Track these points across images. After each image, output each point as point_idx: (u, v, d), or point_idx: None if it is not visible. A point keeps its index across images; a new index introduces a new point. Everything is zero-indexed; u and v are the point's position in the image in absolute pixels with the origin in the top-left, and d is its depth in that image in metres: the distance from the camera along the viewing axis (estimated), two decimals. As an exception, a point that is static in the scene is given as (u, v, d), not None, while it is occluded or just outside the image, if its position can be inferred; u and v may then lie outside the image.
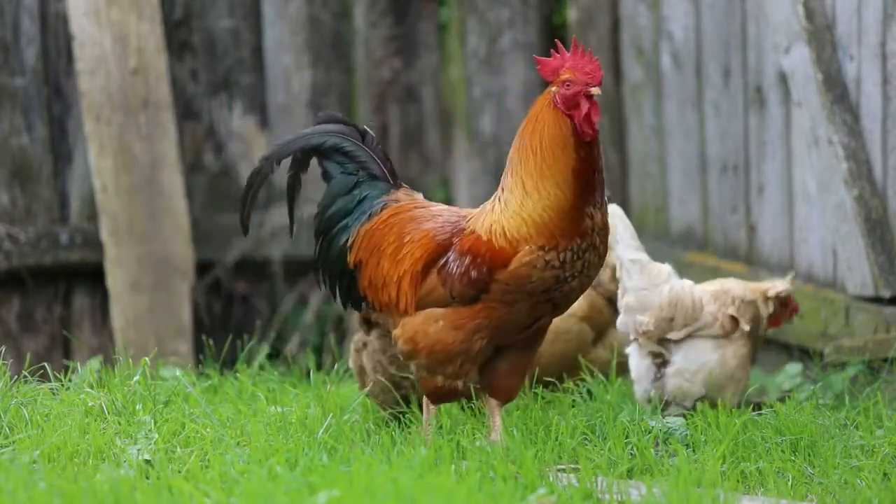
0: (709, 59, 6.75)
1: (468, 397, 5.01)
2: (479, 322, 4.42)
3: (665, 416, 4.94)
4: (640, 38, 7.12)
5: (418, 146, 7.61)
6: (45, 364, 5.32)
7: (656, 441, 4.64)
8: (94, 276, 7.00)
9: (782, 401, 5.29)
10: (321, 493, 3.81)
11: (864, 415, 4.98)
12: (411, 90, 7.61)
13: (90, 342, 7.04)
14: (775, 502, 4.12)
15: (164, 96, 7.02)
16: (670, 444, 4.63)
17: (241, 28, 7.34)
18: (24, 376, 5.06)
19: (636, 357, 5.20)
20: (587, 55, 4.37)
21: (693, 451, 4.55)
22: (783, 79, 6.24)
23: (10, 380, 4.98)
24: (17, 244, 6.86)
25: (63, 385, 5.06)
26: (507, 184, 4.42)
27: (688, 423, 4.76)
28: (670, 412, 5.09)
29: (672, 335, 5.14)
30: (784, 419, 4.72)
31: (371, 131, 4.70)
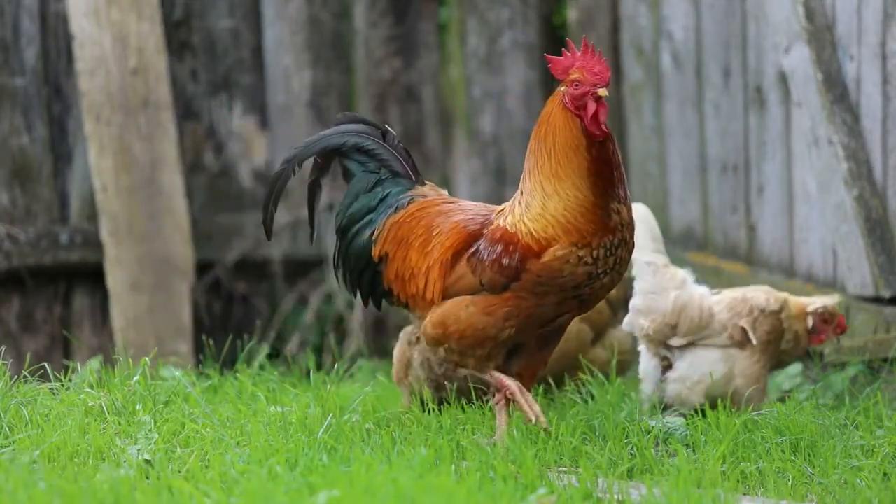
0: (709, 59, 6.75)
1: (468, 398, 5.01)
2: (508, 310, 4.40)
3: (665, 416, 4.93)
4: (640, 37, 7.12)
5: (418, 146, 7.60)
6: (45, 364, 5.31)
7: (656, 441, 4.64)
8: (94, 276, 6.99)
9: (782, 401, 5.29)
10: (321, 493, 3.80)
11: (864, 415, 4.97)
12: (411, 90, 7.60)
13: (90, 342, 7.04)
14: (775, 502, 4.12)
15: (164, 96, 7.02)
16: (670, 444, 4.62)
17: (241, 28, 7.34)
18: (24, 376, 5.06)
19: (645, 356, 5.19)
20: (597, 55, 4.36)
21: (693, 451, 4.54)
22: (783, 79, 6.24)
23: (10, 380, 4.97)
24: (17, 244, 6.85)
25: (63, 385, 5.05)
26: (527, 187, 4.41)
27: (688, 423, 4.76)
28: (669, 414, 5.08)
29: (673, 341, 5.12)
30: (784, 419, 4.72)
31: (392, 130, 4.68)
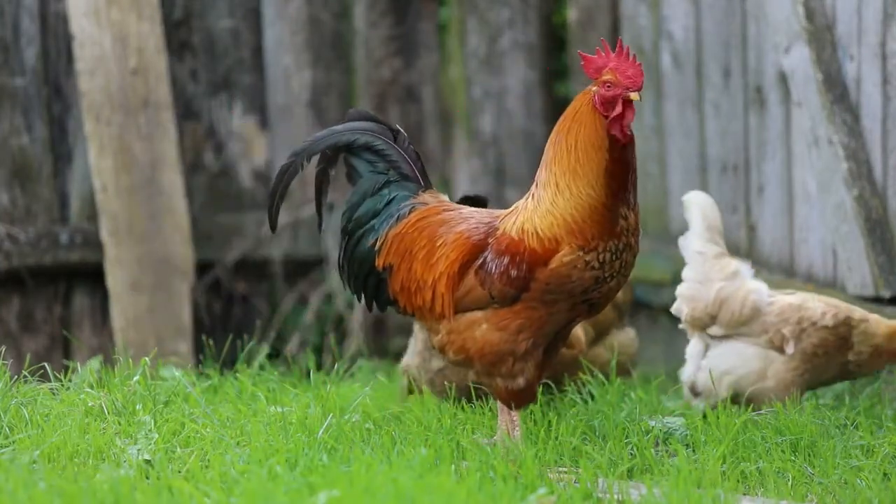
0: (709, 59, 6.75)
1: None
2: (520, 322, 4.37)
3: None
4: (641, 37, 7.12)
5: (418, 146, 7.55)
6: (45, 364, 5.30)
7: (656, 441, 4.64)
8: (94, 276, 6.99)
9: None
10: (321, 493, 3.81)
11: (864, 415, 4.97)
12: (411, 90, 7.60)
13: (90, 342, 7.03)
14: (775, 502, 4.12)
15: (164, 96, 7.02)
16: (670, 444, 4.63)
17: (241, 28, 7.34)
18: (24, 376, 5.06)
19: (693, 338, 5.20)
20: (631, 58, 4.32)
21: (693, 451, 4.55)
22: (783, 79, 6.24)
23: (10, 380, 4.97)
24: (17, 244, 6.85)
25: (63, 385, 5.05)
26: (541, 180, 4.38)
27: (688, 423, 4.76)
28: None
29: (712, 331, 5.13)
30: (784, 419, 4.72)
31: (403, 131, 4.64)
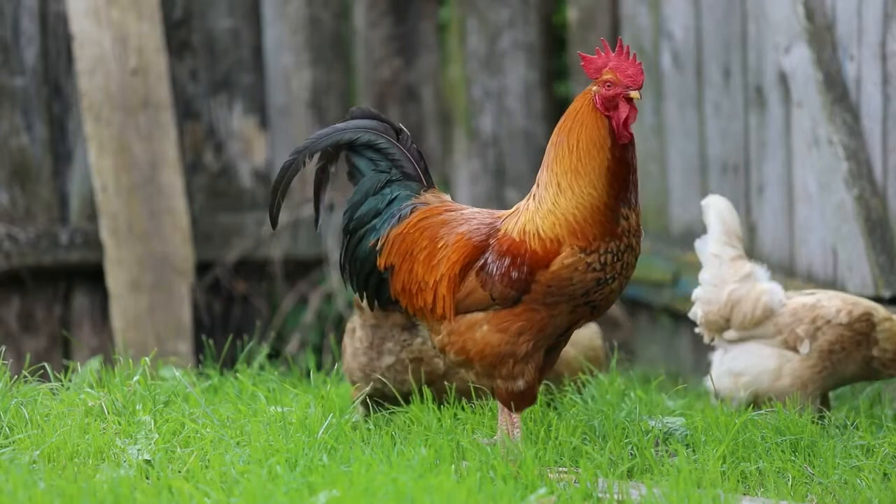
0: (709, 59, 6.75)
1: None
2: (521, 325, 4.35)
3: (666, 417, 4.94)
4: (641, 37, 7.12)
5: (418, 146, 7.59)
6: (45, 364, 5.30)
7: (656, 441, 4.63)
8: (94, 276, 6.99)
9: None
10: (321, 493, 3.81)
11: (864, 415, 4.97)
12: (411, 90, 7.60)
13: (90, 342, 7.04)
14: (775, 502, 4.12)
15: (164, 96, 7.02)
16: (670, 444, 4.62)
17: (241, 28, 7.34)
18: (24, 376, 5.05)
19: (717, 348, 5.21)
20: (631, 57, 4.31)
21: (693, 451, 4.54)
22: (783, 79, 6.24)
23: (10, 380, 4.97)
24: (17, 244, 6.85)
25: (63, 385, 5.05)
26: (543, 180, 4.37)
27: (688, 423, 4.76)
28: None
29: (727, 334, 5.13)
30: (784, 419, 4.72)
31: (405, 129, 4.63)
